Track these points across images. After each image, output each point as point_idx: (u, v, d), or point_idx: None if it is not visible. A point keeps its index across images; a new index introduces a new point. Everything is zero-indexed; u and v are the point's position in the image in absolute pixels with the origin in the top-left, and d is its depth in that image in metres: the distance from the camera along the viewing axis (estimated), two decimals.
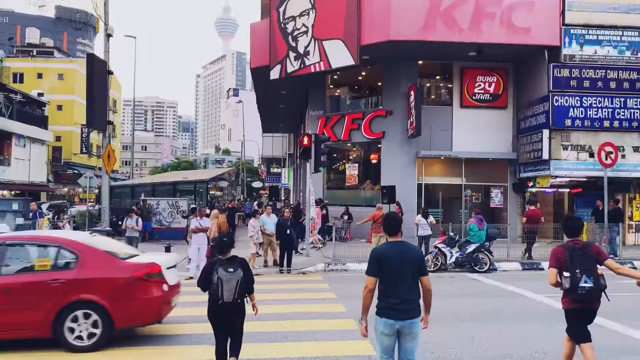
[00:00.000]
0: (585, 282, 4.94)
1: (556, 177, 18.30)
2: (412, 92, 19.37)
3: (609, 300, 5.19)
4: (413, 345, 4.54)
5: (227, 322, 5.49)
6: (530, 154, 18.95)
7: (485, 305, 9.22)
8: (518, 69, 20.46)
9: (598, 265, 5.07)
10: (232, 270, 5.37)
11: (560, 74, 18.09)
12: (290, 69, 20.92)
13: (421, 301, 4.60)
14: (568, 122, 17.97)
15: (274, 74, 21.68)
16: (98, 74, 14.24)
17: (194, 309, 8.24)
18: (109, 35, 14.89)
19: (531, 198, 19.08)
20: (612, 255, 14.92)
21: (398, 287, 4.44)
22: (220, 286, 5.28)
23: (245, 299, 5.57)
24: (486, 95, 20.35)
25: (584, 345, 5.17)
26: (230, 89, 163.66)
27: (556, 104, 17.98)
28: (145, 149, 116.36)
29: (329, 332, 7.37)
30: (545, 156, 17.97)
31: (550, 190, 20.07)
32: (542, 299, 9.78)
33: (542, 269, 14.08)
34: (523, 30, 17.81)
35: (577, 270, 4.97)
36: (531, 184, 19.54)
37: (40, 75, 54.48)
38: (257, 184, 59.90)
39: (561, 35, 18.06)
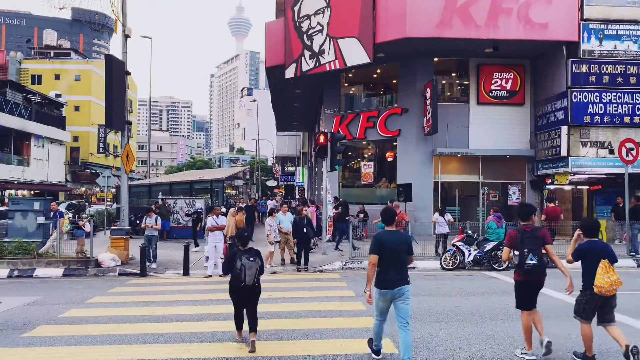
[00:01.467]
0: (531, 259, 5.95)
1: (575, 174, 18.11)
2: (428, 90, 19.27)
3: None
4: (406, 305, 5.72)
5: (245, 299, 6.55)
6: (549, 151, 18.76)
7: (505, 304, 9.12)
8: (535, 65, 20.26)
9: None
10: (252, 259, 6.47)
11: (578, 69, 17.89)
12: (305, 67, 20.95)
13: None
14: (587, 119, 17.78)
15: (289, 72, 21.73)
16: (116, 75, 14.36)
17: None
18: (126, 36, 15.01)
19: (549, 195, 18.89)
20: (633, 253, 14.71)
21: (392, 264, 5.69)
22: (243, 272, 6.35)
23: (260, 282, 6.61)
24: (503, 91, 20.19)
25: (524, 313, 6.21)
26: (244, 88, 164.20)
27: (575, 100, 17.78)
28: (161, 149, 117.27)
29: (349, 329, 7.37)
30: (564, 153, 17.80)
31: (568, 187, 19.84)
32: (562, 297, 9.66)
33: None
34: (540, 25, 17.64)
35: (525, 250, 5.98)
36: (549, 181, 19.34)
37: (57, 77, 55.23)
38: (271, 183, 60.07)
39: (579, 31, 17.86)
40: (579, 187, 20.13)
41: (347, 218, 17.81)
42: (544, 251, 6.08)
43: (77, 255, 13.89)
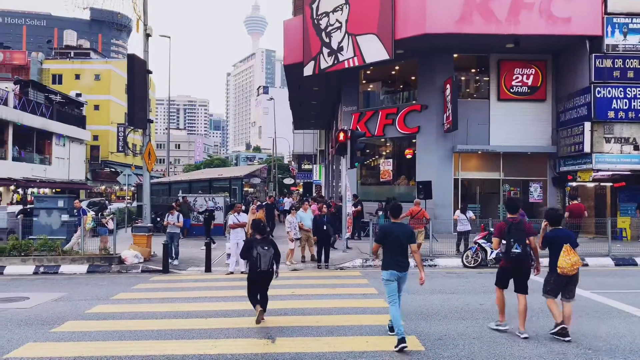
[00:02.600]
0: (516, 248, 6.76)
1: (598, 170, 17.80)
2: (448, 86, 19.12)
3: (536, 260, 7.04)
4: (404, 285, 6.76)
5: (261, 282, 7.47)
6: (571, 147, 18.50)
7: (531, 302, 8.98)
8: (557, 60, 19.97)
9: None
10: (267, 248, 7.36)
11: (602, 64, 17.60)
12: (323, 65, 20.92)
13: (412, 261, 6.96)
14: (611, 114, 17.48)
15: (308, 70, 21.72)
16: (138, 73, 14.51)
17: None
18: (148, 35, 15.15)
19: (572, 192, 18.62)
20: None
21: (396, 251, 6.58)
22: (259, 259, 7.26)
23: (274, 268, 7.49)
24: (524, 87, 19.95)
25: (498, 289, 7.18)
26: (260, 86, 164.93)
27: (598, 96, 17.50)
28: (179, 147, 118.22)
29: (374, 327, 7.35)
30: (587, 149, 17.53)
31: (591, 184, 19.52)
32: (588, 295, 9.53)
33: (587, 265, 13.73)
34: (563, 20, 17.37)
35: (512, 240, 6.79)
36: (572, 177, 19.06)
37: (77, 76, 56.02)
38: (288, 181, 60.20)
39: (603, 25, 17.56)
40: (602, 184, 19.81)
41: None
42: (527, 242, 6.87)
43: (101, 252, 14.09)
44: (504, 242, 6.89)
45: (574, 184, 19.32)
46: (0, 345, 6.64)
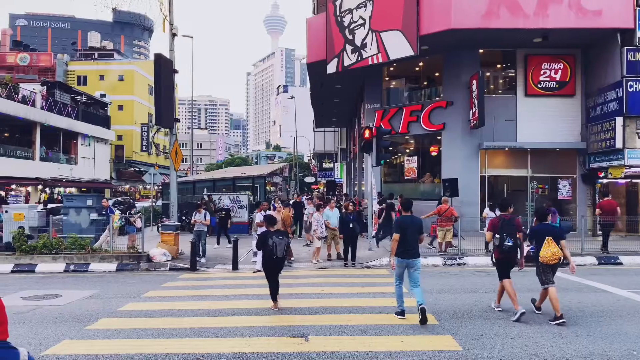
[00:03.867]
0: (508, 241, 7.67)
1: (630, 166, 17.32)
2: (474, 82, 18.82)
3: (522, 254, 7.91)
4: (417, 274, 7.59)
5: (275, 269, 8.32)
6: (602, 143, 18.04)
7: (567, 301, 8.80)
8: (587, 54, 19.49)
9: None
10: (281, 238, 8.30)
11: (634, 58, 17.11)
12: (347, 62, 20.78)
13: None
14: None
15: (331, 68, 21.59)
16: (165, 73, 14.61)
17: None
18: (174, 35, 15.25)
19: (602, 189, 18.18)
20: None
21: (407, 241, 7.52)
22: (275, 247, 8.13)
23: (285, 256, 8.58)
24: (552, 82, 19.51)
25: (505, 280, 7.90)
26: (280, 85, 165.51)
27: (630, 90, 17.02)
28: (201, 147, 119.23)
29: (408, 326, 7.24)
30: (619, 145, 17.07)
31: (622, 181, 19.03)
32: (628, 295, 9.27)
33: (621, 263, 13.38)
34: (593, 13, 16.92)
35: (504, 234, 7.68)
36: (602, 174, 18.60)
37: (102, 77, 56.82)
38: (309, 179, 60.20)
39: (635, 17, 17.05)
40: (633, 180, 19.29)
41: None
42: (518, 235, 7.74)
43: (129, 250, 14.23)
44: (497, 236, 7.78)
45: (605, 180, 18.86)
46: (38, 342, 6.72)
